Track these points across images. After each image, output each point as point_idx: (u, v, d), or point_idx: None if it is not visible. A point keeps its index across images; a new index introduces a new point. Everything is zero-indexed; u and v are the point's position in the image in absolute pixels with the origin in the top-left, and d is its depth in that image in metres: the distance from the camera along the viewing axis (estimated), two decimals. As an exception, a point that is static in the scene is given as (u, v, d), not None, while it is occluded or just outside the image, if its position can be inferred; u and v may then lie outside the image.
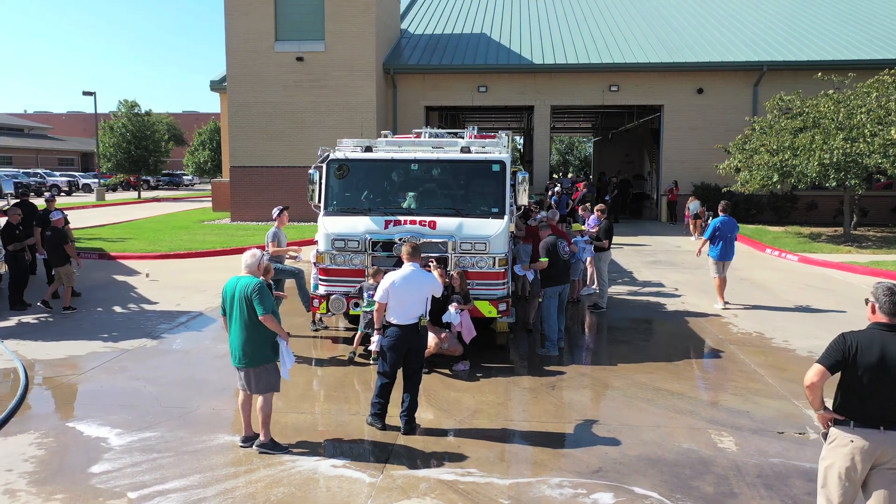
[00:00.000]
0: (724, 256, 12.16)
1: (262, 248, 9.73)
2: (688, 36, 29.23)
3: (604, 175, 35.33)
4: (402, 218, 9.23)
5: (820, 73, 21.68)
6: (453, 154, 9.62)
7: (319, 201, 9.70)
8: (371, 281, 8.72)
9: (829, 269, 16.51)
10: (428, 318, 6.85)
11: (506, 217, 9.29)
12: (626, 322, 11.23)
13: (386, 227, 9.18)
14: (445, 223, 9.15)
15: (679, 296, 13.41)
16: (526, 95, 27.35)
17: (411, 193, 9.67)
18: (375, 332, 6.80)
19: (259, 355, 6.23)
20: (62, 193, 56.81)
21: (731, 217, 12.29)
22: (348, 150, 9.84)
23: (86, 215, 31.23)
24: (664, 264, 17.19)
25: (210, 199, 34.74)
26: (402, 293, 6.64)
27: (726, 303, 12.31)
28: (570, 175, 40.27)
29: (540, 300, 9.88)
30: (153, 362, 9.11)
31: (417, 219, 9.20)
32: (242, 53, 25.73)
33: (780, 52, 26.64)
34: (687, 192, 26.31)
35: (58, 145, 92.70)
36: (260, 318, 6.09)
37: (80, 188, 58.92)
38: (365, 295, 8.83)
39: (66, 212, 13.50)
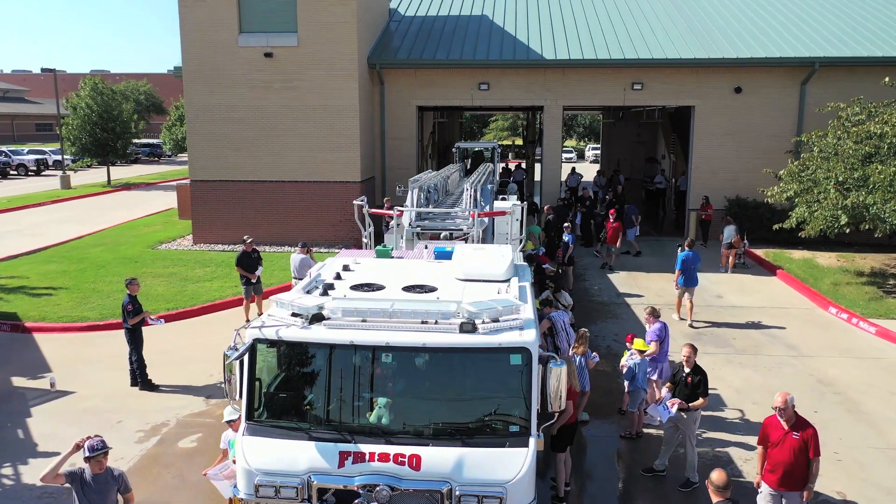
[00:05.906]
0: (688, 284, 14.91)
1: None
2: (724, 26, 24.93)
3: (617, 172, 31.59)
4: (366, 449, 5.76)
5: (887, 79, 17.94)
6: (448, 336, 6.00)
7: (239, 403, 6.23)
8: None
9: (923, 354, 13.14)
10: None
11: (532, 441, 5.85)
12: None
13: (341, 465, 5.74)
14: (436, 458, 5.70)
15: (755, 426, 9.83)
16: (534, 94, 23.41)
17: (382, 400, 6.11)
18: None
19: None
20: (30, 174, 52.73)
21: (695, 252, 15.16)
22: (284, 323, 6.28)
23: (34, 220, 27.60)
24: (712, 342, 13.75)
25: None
26: None
27: (682, 318, 14.98)
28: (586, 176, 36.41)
29: None
30: None
31: (391, 450, 5.73)
32: (201, 48, 21.69)
33: (835, 47, 22.58)
34: (719, 206, 22.72)
35: (35, 109, 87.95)
36: None
37: (50, 166, 54.75)
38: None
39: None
